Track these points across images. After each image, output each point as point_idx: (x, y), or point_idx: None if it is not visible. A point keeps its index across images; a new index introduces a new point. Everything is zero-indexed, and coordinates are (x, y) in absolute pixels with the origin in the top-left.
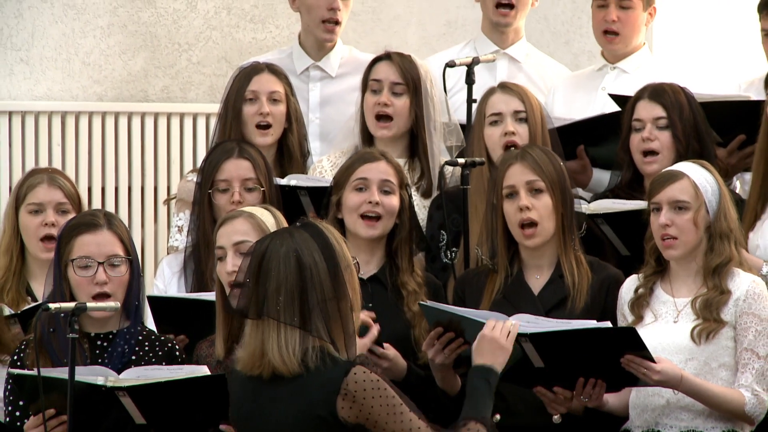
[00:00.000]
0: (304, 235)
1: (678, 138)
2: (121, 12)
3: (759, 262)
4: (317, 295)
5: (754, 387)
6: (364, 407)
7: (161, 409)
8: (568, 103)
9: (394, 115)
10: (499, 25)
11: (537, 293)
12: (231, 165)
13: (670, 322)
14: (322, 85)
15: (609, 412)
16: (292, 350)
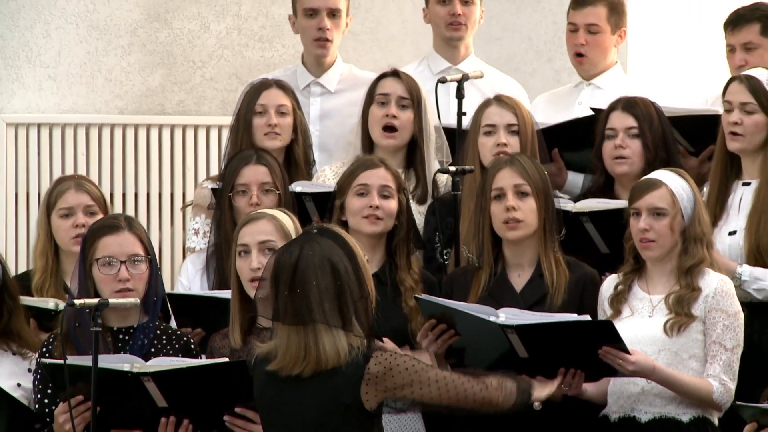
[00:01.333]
0: (328, 241)
1: (647, 147)
2: (141, 32)
3: (733, 264)
4: (351, 296)
5: (722, 377)
6: (388, 382)
7: (182, 394)
8: (548, 116)
9: (400, 127)
10: (451, 39)
11: (519, 290)
12: (249, 170)
13: (645, 317)
14: (322, 100)
15: (588, 399)
16: (343, 346)
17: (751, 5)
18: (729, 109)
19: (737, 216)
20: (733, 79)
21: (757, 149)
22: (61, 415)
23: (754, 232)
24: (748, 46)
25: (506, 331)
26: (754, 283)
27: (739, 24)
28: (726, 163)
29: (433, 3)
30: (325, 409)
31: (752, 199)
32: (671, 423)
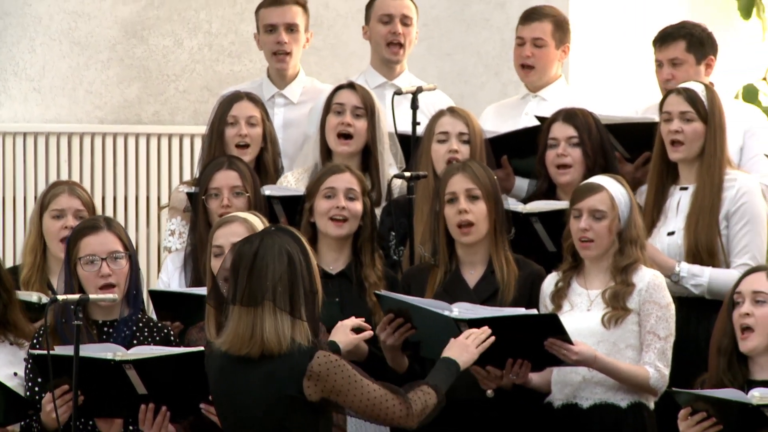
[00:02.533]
0: (285, 236)
1: (587, 154)
2: (119, 48)
3: (672, 262)
4: (303, 287)
5: (657, 364)
6: (327, 383)
7: (161, 381)
8: (497, 126)
9: (354, 135)
10: (390, 61)
11: (472, 287)
12: (221, 175)
13: (584, 311)
14: (285, 110)
15: (534, 388)
16: (285, 331)
17: (677, 24)
18: (669, 119)
19: (675, 218)
20: (671, 92)
21: (695, 156)
22: (48, 404)
23: (693, 233)
24: (675, 62)
25: (459, 324)
26: (691, 279)
27: (667, 41)
28: (663, 169)
29: (374, 22)
30: (271, 400)
31: (690, 202)
32: (611, 408)
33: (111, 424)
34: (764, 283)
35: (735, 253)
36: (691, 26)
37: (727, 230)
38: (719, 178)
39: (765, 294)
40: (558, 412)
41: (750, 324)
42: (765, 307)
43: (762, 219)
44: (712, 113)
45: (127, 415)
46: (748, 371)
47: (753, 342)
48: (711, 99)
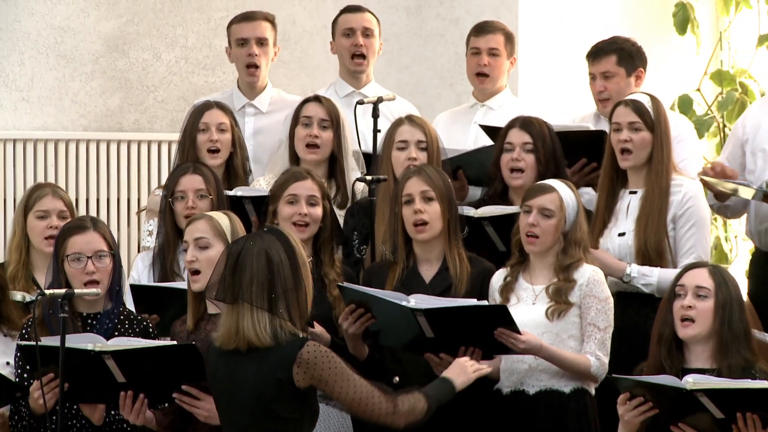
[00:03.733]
0: (271, 237)
1: (540, 160)
2: (102, 61)
3: (623, 264)
4: (282, 285)
5: (597, 353)
6: (315, 371)
7: (138, 371)
8: (449, 133)
9: (321, 144)
10: (355, 72)
11: (428, 282)
12: (186, 179)
13: (529, 304)
14: (255, 119)
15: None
16: (264, 327)
17: (608, 39)
18: (618, 129)
19: (626, 220)
20: (620, 103)
21: (643, 163)
22: (35, 391)
23: (642, 234)
24: (607, 75)
25: (416, 314)
26: (642, 279)
27: (599, 55)
28: (614, 175)
29: (339, 36)
30: (262, 384)
31: (639, 205)
32: (555, 394)
33: (94, 410)
34: (707, 279)
35: (682, 254)
36: (621, 41)
37: (674, 232)
38: (666, 183)
39: (707, 290)
40: (506, 398)
41: (691, 316)
42: (706, 301)
43: (706, 222)
44: (658, 122)
45: (109, 402)
46: (684, 360)
47: (693, 331)
48: (657, 109)
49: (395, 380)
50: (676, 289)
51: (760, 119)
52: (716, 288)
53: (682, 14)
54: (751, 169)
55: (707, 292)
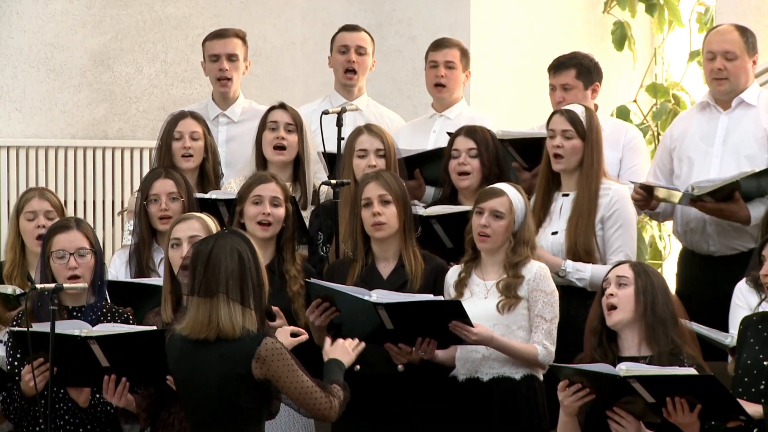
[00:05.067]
0: (236, 238)
1: (484, 164)
2: (88, 75)
3: (559, 261)
4: (252, 281)
5: (544, 342)
6: (270, 367)
7: (120, 355)
8: (410, 141)
9: (288, 146)
10: (347, 85)
11: (385, 277)
12: (159, 183)
13: (481, 298)
14: (228, 128)
15: (440, 363)
16: (238, 319)
17: (569, 54)
18: (552, 136)
19: (558, 220)
20: (555, 112)
21: (575, 168)
22: (26, 374)
23: (573, 233)
24: (566, 87)
25: (377, 308)
26: (576, 274)
27: (560, 69)
28: (549, 178)
29: (335, 52)
30: (225, 376)
31: (570, 207)
32: (507, 380)
33: (80, 392)
34: (627, 270)
35: (611, 252)
36: (581, 56)
37: (603, 232)
38: (596, 187)
39: (626, 278)
40: (461, 384)
41: (614, 303)
42: (626, 288)
43: (633, 222)
44: (590, 131)
45: (93, 385)
46: (618, 349)
47: (617, 317)
48: (589, 119)
49: (356, 368)
50: (603, 284)
51: (686, 128)
52: (635, 276)
53: (620, 32)
54: (677, 174)
55: (627, 280)
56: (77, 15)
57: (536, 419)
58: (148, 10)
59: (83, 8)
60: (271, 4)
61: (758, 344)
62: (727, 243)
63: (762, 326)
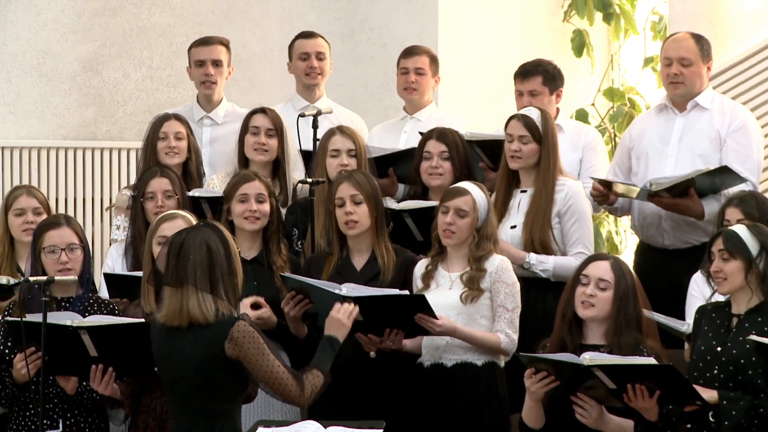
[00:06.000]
0: (208, 230)
1: (455, 166)
2: (78, 79)
3: (523, 253)
4: (220, 271)
5: (507, 331)
6: (242, 349)
7: (108, 346)
8: (382, 141)
9: (268, 149)
10: (310, 86)
11: (359, 270)
12: (155, 181)
13: (446, 289)
14: (211, 129)
15: (407, 351)
16: (208, 306)
17: (535, 61)
18: (510, 140)
19: (517, 215)
20: (513, 117)
21: (532, 167)
22: (19, 362)
23: (530, 228)
24: (533, 93)
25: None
26: (539, 266)
27: (527, 76)
28: (508, 176)
29: (296, 59)
30: (200, 358)
31: (528, 203)
32: (469, 366)
33: (68, 381)
34: (608, 272)
35: (570, 244)
36: (546, 64)
37: (560, 225)
38: (552, 185)
39: (607, 282)
40: (427, 370)
41: (593, 303)
42: (606, 292)
43: (588, 215)
44: (545, 134)
45: (81, 374)
46: (582, 336)
47: (591, 312)
48: (545, 122)
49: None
50: (581, 278)
51: (644, 128)
52: (616, 281)
53: (579, 39)
54: (635, 172)
55: (607, 284)
56: (68, 23)
57: (497, 403)
58: (134, 18)
59: (73, 17)
60: (251, 13)
61: (712, 332)
62: (681, 237)
63: (715, 315)
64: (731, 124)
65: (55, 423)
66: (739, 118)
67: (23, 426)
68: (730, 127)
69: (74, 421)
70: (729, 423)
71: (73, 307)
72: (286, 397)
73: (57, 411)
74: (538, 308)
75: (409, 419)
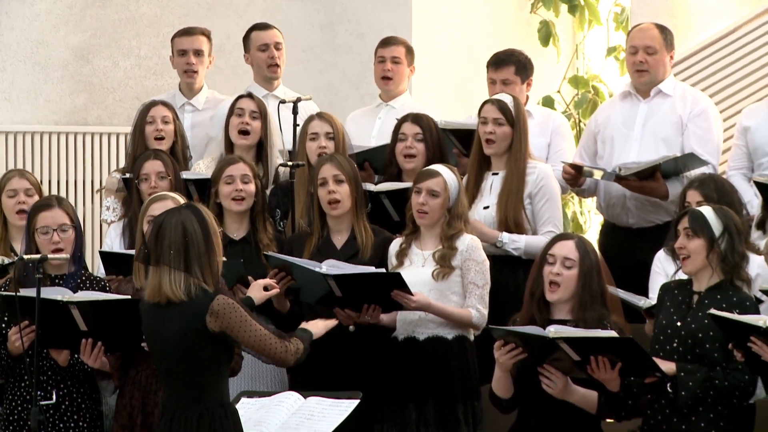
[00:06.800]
0: (188, 212)
1: (429, 148)
2: (70, 68)
3: (496, 233)
4: (195, 250)
5: (477, 306)
6: (224, 320)
7: (97, 321)
8: (359, 126)
9: (251, 131)
10: (271, 78)
11: (339, 248)
12: (149, 164)
13: (419, 267)
14: (192, 115)
15: (383, 325)
16: (178, 285)
17: (507, 51)
18: (484, 123)
19: (489, 196)
20: (487, 102)
21: (504, 151)
22: (13, 335)
23: (504, 207)
24: (506, 82)
25: (326, 278)
26: (512, 244)
27: (500, 65)
28: (480, 159)
29: (254, 50)
30: (182, 332)
31: (501, 184)
32: (440, 340)
33: (60, 353)
34: (573, 251)
35: (541, 224)
36: (518, 54)
37: (532, 206)
38: (523, 167)
39: (572, 261)
40: (401, 343)
41: (558, 281)
42: (571, 270)
43: (558, 196)
44: (517, 119)
45: (72, 348)
46: (550, 313)
47: (558, 295)
48: (517, 108)
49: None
50: (547, 257)
51: (609, 114)
52: (581, 259)
53: (545, 30)
54: (601, 155)
55: (573, 263)
56: (60, 14)
57: (467, 374)
58: (123, 9)
59: (65, 8)
60: (234, 4)
61: (673, 308)
62: (644, 216)
63: (678, 292)
64: (692, 110)
65: (49, 394)
66: (700, 105)
67: (18, 396)
68: (692, 113)
69: (67, 392)
70: (686, 393)
71: (65, 284)
72: (273, 357)
73: (50, 383)
74: (510, 285)
75: (384, 390)
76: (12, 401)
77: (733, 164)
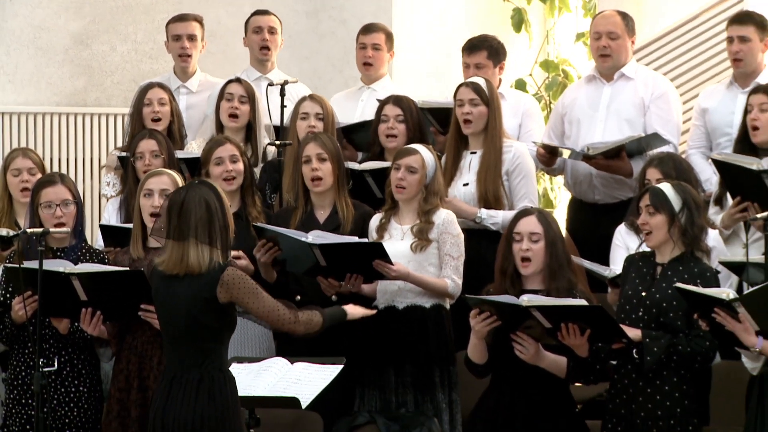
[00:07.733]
0: (204, 188)
1: (409, 128)
2: (70, 52)
3: (474, 209)
4: (219, 225)
5: (452, 276)
6: (233, 290)
7: (97, 291)
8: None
9: (240, 115)
10: (262, 60)
11: (322, 222)
12: (144, 143)
13: (398, 240)
14: (187, 98)
15: (365, 294)
16: (205, 258)
17: (480, 37)
18: (461, 105)
19: (468, 173)
20: (462, 85)
21: (481, 131)
22: (17, 305)
23: (483, 183)
24: (479, 66)
25: (312, 247)
26: (490, 220)
27: (473, 50)
28: (458, 139)
29: (250, 33)
30: (192, 301)
31: (479, 162)
32: (418, 309)
33: (61, 322)
34: (537, 225)
35: (517, 199)
36: (490, 39)
37: (509, 183)
38: (499, 145)
39: (538, 234)
40: (381, 312)
41: (529, 256)
42: (538, 244)
43: (533, 173)
44: (491, 99)
45: (72, 317)
46: (522, 284)
47: (531, 268)
48: (491, 90)
49: (297, 298)
50: (514, 236)
51: (575, 97)
52: (545, 231)
53: (518, 17)
54: (568, 135)
55: (538, 236)
56: (60, 1)
57: (443, 341)
58: None
59: None
60: None
61: (638, 278)
62: (609, 193)
63: (642, 263)
64: (654, 92)
65: (51, 361)
66: (661, 87)
67: (22, 362)
68: (653, 95)
69: (68, 358)
70: (650, 359)
71: (66, 257)
72: (282, 325)
73: (52, 350)
74: (489, 257)
75: (366, 355)
76: (16, 367)
77: (692, 144)
